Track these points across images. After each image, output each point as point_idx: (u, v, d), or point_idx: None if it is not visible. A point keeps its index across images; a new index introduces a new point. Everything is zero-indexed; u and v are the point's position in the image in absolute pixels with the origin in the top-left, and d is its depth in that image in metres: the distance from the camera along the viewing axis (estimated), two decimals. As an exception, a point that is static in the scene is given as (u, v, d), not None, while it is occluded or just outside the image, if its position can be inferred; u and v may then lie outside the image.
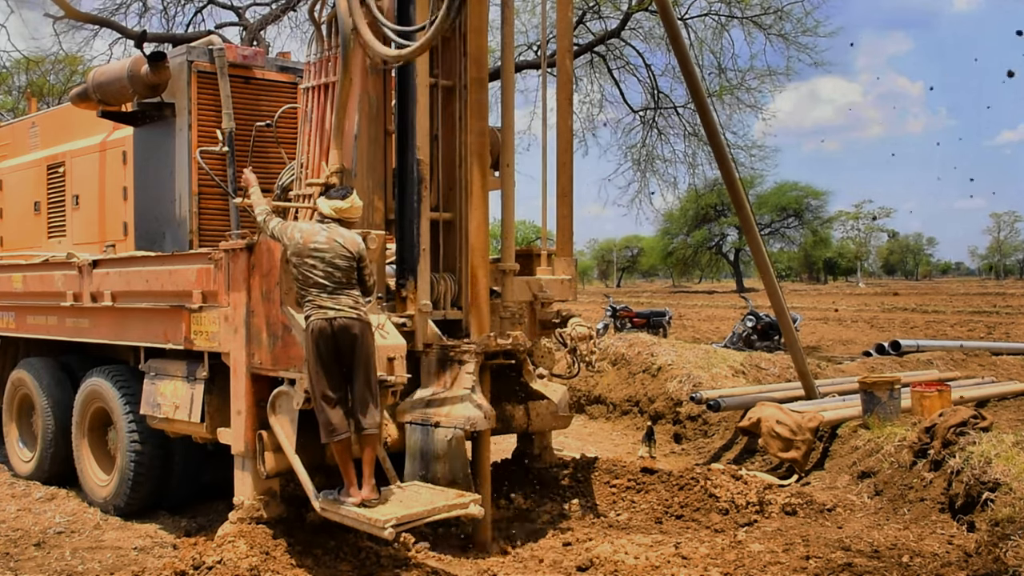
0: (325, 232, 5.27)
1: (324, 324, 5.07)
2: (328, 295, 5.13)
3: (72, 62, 21.56)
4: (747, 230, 9.26)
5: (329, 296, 5.12)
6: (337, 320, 5.07)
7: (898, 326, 25.09)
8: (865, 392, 8.15)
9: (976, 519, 5.97)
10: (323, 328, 5.07)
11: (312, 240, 5.21)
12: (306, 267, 5.17)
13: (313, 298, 5.13)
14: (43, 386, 7.82)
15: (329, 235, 5.25)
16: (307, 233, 5.26)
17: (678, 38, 8.63)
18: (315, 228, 5.30)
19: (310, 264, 5.17)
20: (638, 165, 19.52)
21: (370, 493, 5.09)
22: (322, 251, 5.18)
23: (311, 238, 5.22)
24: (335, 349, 5.09)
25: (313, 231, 5.27)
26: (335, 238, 5.25)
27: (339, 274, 5.18)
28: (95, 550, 6.05)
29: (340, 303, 5.12)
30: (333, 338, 5.07)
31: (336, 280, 5.16)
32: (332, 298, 5.12)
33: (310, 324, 5.11)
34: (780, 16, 17.02)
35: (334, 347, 5.08)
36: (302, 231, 5.28)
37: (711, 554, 5.63)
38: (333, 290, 5.14)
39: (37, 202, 8.93)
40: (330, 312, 5.08)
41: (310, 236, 5.24)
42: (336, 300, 5.12)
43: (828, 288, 67.94)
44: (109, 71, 7.46)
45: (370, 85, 6.35)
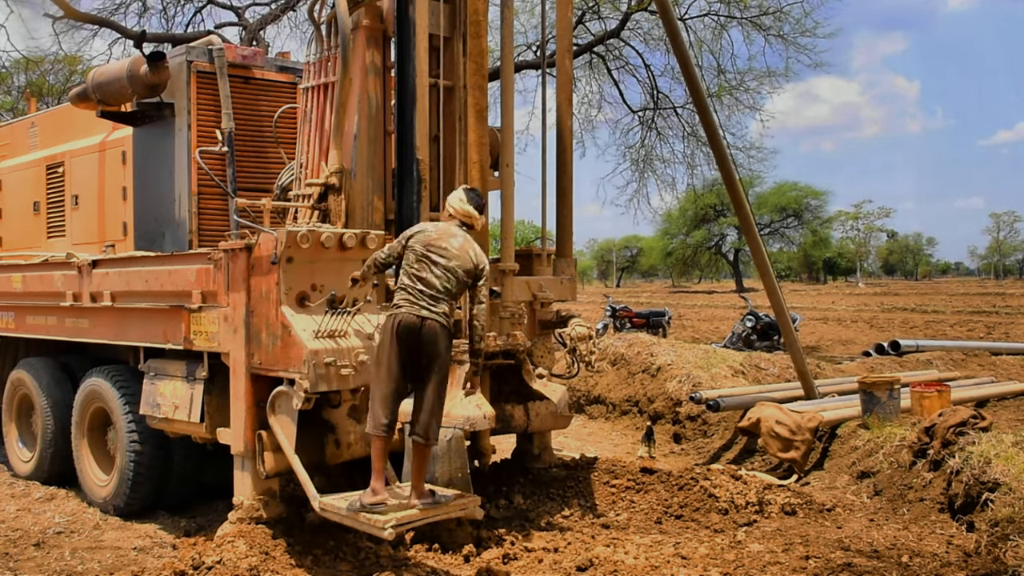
0: (462, 239, 5.16)
1: (415, 320, 4.94)
2: (431, 297, 5.01)
3: (71, 62, 21.56)
4: (747, 230, 9.26)
5: (431, 300, 5.01)
6: (428, 321, 4.96)
7: (898, 326, 25.10)
8: (865, 392, 8.15)
9: (976, 519, 5.97)
10: (412, 324, 4.94)
11: (445, 240, 5.10)
12: (425, 261, 5.04)
13: (413, 293, 5.01)
14: (43, 386, 7.82)
15: (464, 244, 5.14)
16: (442, 231, 5.15)
17: (677, 38, 8.63)
18: (453, 230, 5.19)
19: (431, 260, 5.05)
20: (637, 165, 19.53)
21: (418, 498, 5.05)
22: (449, 255, 5.07)
23: (445, 237, 5.11)
24: (413, 349, 4.98)
25: (449, 232, 5.16)
26: (468, 249, 5.13)
27: (454, 284, 5.07)
28: (95, 550, 6.05)
29: (437, 308, 5.01)
30: (418, 338, 4.95)
31: (446, 288, 5.05)
32: (432, 302, 5.01)
33: (397, 316, 4.98)
34: (779, 17, 17.04)
35: (413, 347, 4.97)
36: (437, 227, 5.18)
37: (711, 554, 5.63)
38: (437, 295, 5.03)
39: (36, 202, 8.93)
40: (424, 312, 4.97)
41: (445, 234, 5.12)
42: (435, 304, 5.02)
43: (828, 288, 67.93)
44: (108, 71, 7.46)
45: (370, 85, 6.35)
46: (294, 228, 5.58)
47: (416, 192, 6.00)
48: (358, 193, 6.30)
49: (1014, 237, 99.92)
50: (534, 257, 7.20)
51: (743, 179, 11.10)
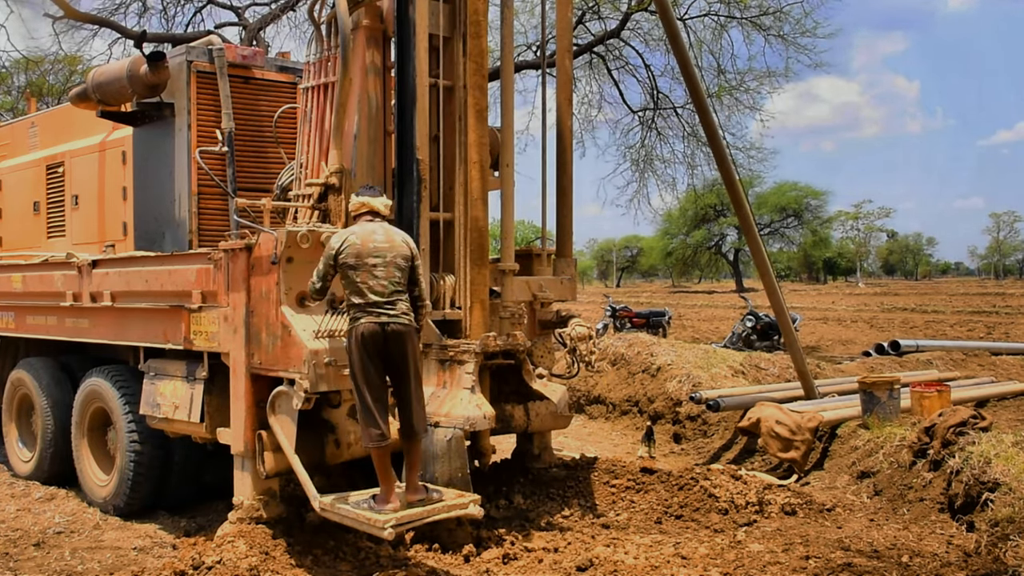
0: (383, 231, 5.06)
1: (376, 328, 4.88)
2: (385, 299, 4.94)
3: (71, 62, 21.56)
4: (747, 230, 9.26)
5: (387, 302, 4.94)
6: (390, 326, 4.90)
7: (898, 326, 25.10)
8: (865, 392, 8.15)
9: (976, 519, 5.97)
10: (375, 332, 4.89)
11: (372, 240, 5.01)
12: (366, 269, 4.95)
13: (367, 303, 4.94)
14: (43, 386, 7.82)
15: (388, 234, 5.05)
16: (363, 235, 5.03)
17: (677, 38, 8.63)
18: (370, 227, 5.08)
19: (371, 265, 4.96)
20: (637, 165, 19.53)
21: (416, 494, 5.06)
22: (383, 251, 5.00)
23: (370, 239, 5.00)
24: (384, 355, 4.95)
25: (370, 230, 5.05)
26: (394, 237, 5.05)
27: (399, 275, 5.00)
28: (94, 550, 6.05)
29: (396, 309, 4.96)
30: (384, 343, 4.92)
31: (395, 283, 4.98)
32: (389, 304, 4.95)
33: (359, 327, 4.92)
34: (779, 17, 17.03)
35: (384, 353, 4.94)
36: (357, 233, 5.04)
37: (710, 554, 5.63)
38: (391, 295, 4.96)
39: (36, 202, 8.93)
40: (383, 318, 4.90)
41: (368, 238, 5.01)
42: (392, 306, 4.96)
43: (828, 288, 67.94)
44: (108, 71, 7.46)
45: (370, 85, 6.35)
46: (294, 228, 5.58)
47: (416, 192, 6.00)
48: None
49: (1014, 237, 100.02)
50: (534, 257, 7.21)
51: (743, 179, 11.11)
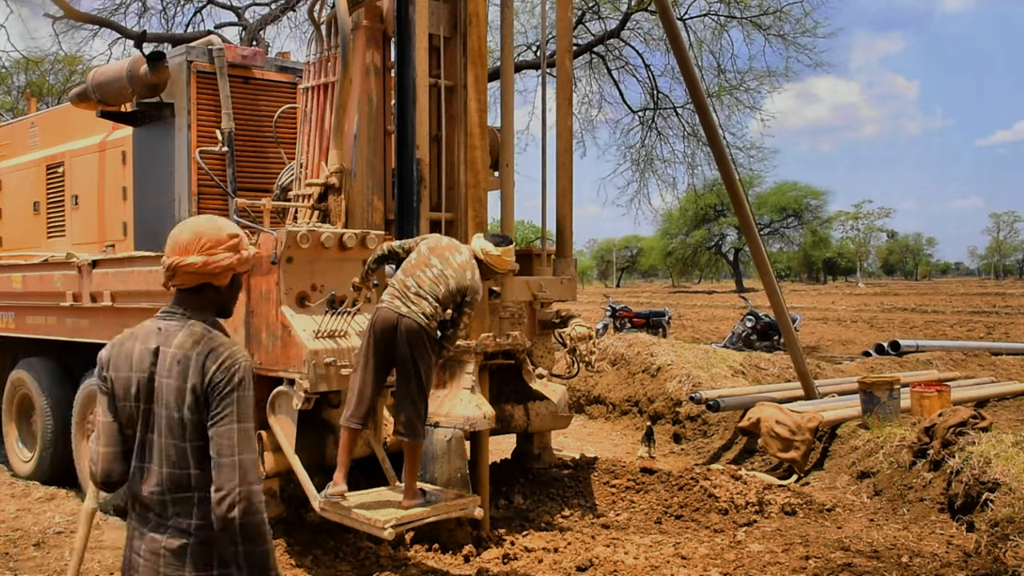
0: (465, 258, 5.18)
1: (392, 316, 4.94)
2: (414, 295, 5.00)
3: (71, 62, 21.58)
4: (747, 230, 9.26)
5: (416, 296, 5.00)
6: (405, 319, 4.94)
7: (897, 326, 25.09)
8: (864, 392, 8.15)
9: (976, 519, 5.98)
10: (388, 320, 4.94)
11: (451, 251, 5.14)
12: (424, 262, 5.07)
13: (400, 288, 5.02)
14: (43, 386, 7.82)
15: (465, 262, 5.15)
16: (452, 245, 5.20)
17: (677, 38, 8.63)
18: (464, 249, 5.23)
19: (431, 263, 5.07)
20: (637, 165, 19.54)
21: (413, 499, 5.03)
22: (446, 264, 5.09)
23: (452, 251, 5.15)
24: (392, 346, 4.97)
25: (459, 248, 5.21)
26: (468, 271, 5.13)
27: (441, 290, 5.04)
28: (95, 550, 6.04)
29: (420, 307, 4.98)
30: (394, 335, 4.95)
31: (433, 292, 5.02)
32: (417, 299, 4.99)
33: (379, 310, 5.00)
34: (779, 17, 17.03)
35: (392, 344, 4.97)
36: (451, 240, 5.26)
37: (710, 554, 5.64)
38: (424, 296, 5.01)
39: (36, 202, 8.93)
40: (403, 309, 4.96)
41: (452, 249, 5.17)
42: (419, 304, 4.99)
43: (828, 288, 67.94)
44: (108, 71, 7.46)
45: (370, 85, 6.35)
46: (294, 228, 5.58)
47: (416, 192, 6.00)
48: (358, 193, 6.30)
49: (1014, 237, 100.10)
50: (534, 257, 7.20)
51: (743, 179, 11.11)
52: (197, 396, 2.41)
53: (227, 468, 2.40)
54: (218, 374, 2.41)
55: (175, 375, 2.43)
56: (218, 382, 2.40)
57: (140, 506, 2.52)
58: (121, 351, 2.54)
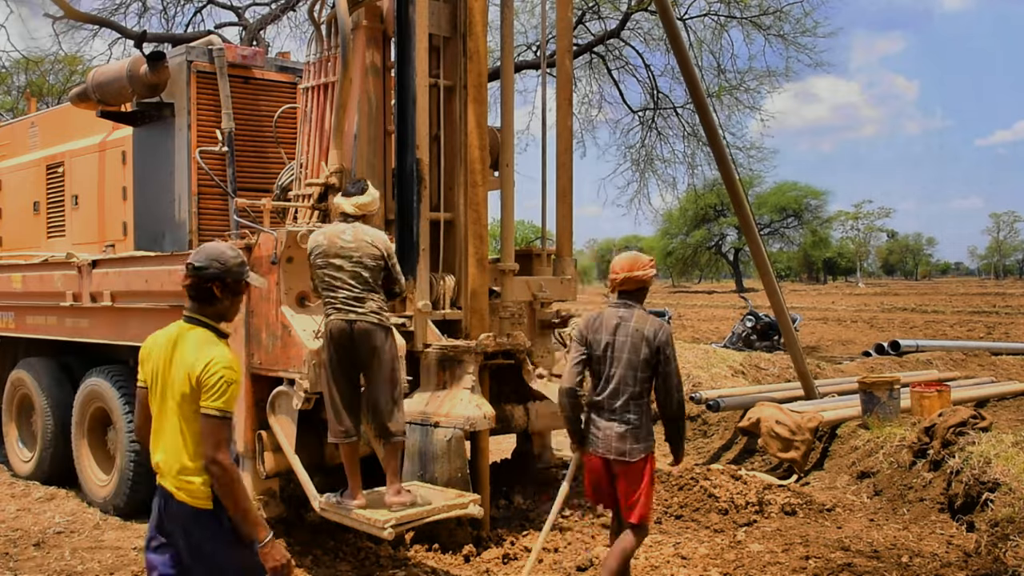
0: (351, 231, 5.05)
1: (344, 325, 4.91)
2: (355, 299, 4.95)
3: (71, 62, 21.57)
4: (747, 230, 9.26)
5: (355, 300, 4.95)
6: (358, 323, 4.91)
7: (897, 326, 25.09)
8: (865, 392, 8.15)
9: (976, 519, 5.97)
10: (342, 329, 4.91)
11: (339, 240, 5.01)
12: (332, 269, 4.97)
13: (335, 299, 4.96)
14: (43, 386, 7.82)
15: (356, 234, 5.04)
16: (331, 234, 5.05)
17: (677, 38, 8.63)
18: (339, 227, 5.08)
19: (336, 266, 4.97)
20: (637, 165, 19.52)
21: (399, 497, 5.01)
22: (349, 251, 4.99)
23: (336, 239, 5.01)
24: (353, 353, 4.96)
25: (338, 230, 5.06)
26: (363, 237, 5.03)
27: (367, 274, 4.99)
28: (95, 550, 6.05)
29: (364, 307, 4.95)
30: (351, 341, 4.93)
31: (363, 281, 4.98)
32: (358, 302, 4.95)
33: (328, 323, 4.96)
34: (779, 17, 17.03)
35: (352, 351, 4.96)
36: (325, 233, 5.07)
37: (710, 554, 5.64)
38: (359, 293, 4.97)
39: (36, 202, 8.93)
40: (351, 315, 4.92)
41: (336, 237, 5.02)
42: (361, 304, 4.95)
43: (828, 288, 67.93)
44: (108, 71, 7.46)
45: (370, 85, 6.35)
46: (294, 228, 5.58)
47: (416, 192, 6.00)
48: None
49: (1014, 237, 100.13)
50: (534, 257, 7.20)
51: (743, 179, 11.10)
52: (650, 349, 4.47)
53: (675, 387, 4.53)
54: (661, 337, 4.49)
55: (635, 338, 4.49)
56: (662, 343, 4.48)
57: (597, 407, 4.59)
58: (598, 323, 4.62)
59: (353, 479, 5.08)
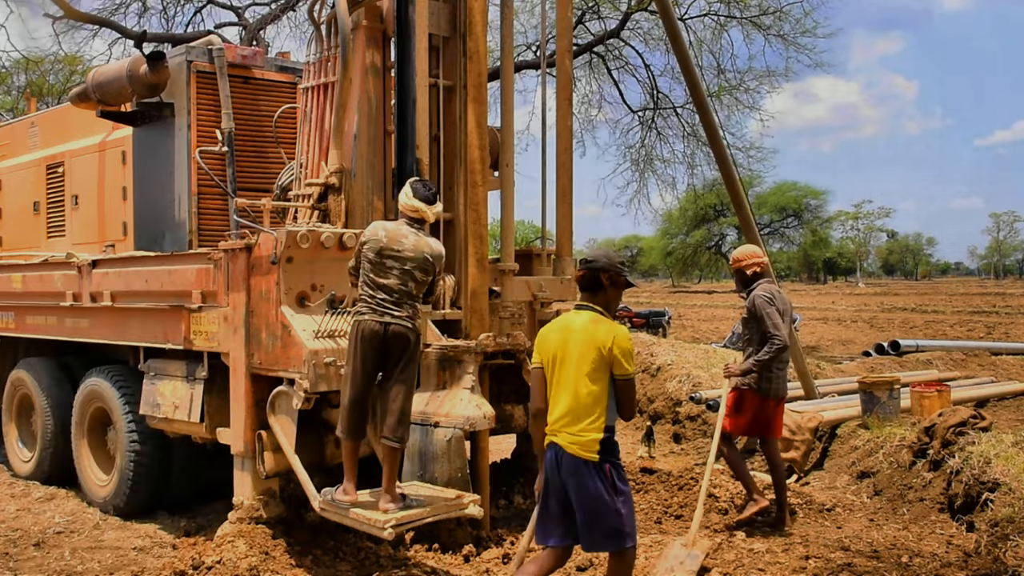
0: (414, 238, 5.01)
1: (378, 328, 4.88)
2: (393, 303, 4.93)
3: (71, 62, 21.57)
4: (747, 230, 9.26)
5: (395, 305, 4.93)
6: (393, 326, 4.89)
7: (897, 326, 25.09)
8: (864, 392, 8.15)
9: (976, 519, 5.97)
10: (375, 331, 4.88)
11: (397, 242, 4.97)
12: (381, 268, 4.94)
13: (375, 300, 4.93)
14: (42, 386, 7.82)
15: (418, 243, 5.00)
16: (393, 233, 4.99)
17: (678, 38, 8.63)
18: (403, 230, 5.03)
19: (387, 267, 4.93)
20: (637, 165, 19.53)
21: (393, 503, 4.98)
22: (405, 257, 4.95)
23: (397, 240, 4.97)
24: (382, 355, 4.95)
25: (400, 233, 5.01)
26: (424, 248, 5.00)
27: (413, 284, 4.97)
28: (94, 550, 6.05)
29: (402, 312, 4.94)
30: (384, 343, 4.91)
31: (408, 290, 4.96)
32: (397, 307, 4.93)
33: (361, 324, 4.91)
34: (779, 17, 17.03)
35: (381, 351, 4.94)
36: (387, 230, 5.00)
37: (710, 554, 5.63)
38: (399, 299, 4.95)
39: (36, 202, 8.93)
40: (387, 318, 4.90)
41: (396, 236, 4.98)
42: (400, 310, 4.94)
43: (828, 288, 67.94)
44: (108, 71, 7.46)
45: (370, 85, 6.35)
46: (294, 228, 5.58)
47: (416, 192, 5.99)
48: (358, 193, 6.29)
49: (1014, 237, 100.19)
50: (534, 257, 7.21)
51: (743, 179, 11.10)
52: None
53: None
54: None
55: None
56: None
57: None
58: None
59: (350, 475, 5.10)
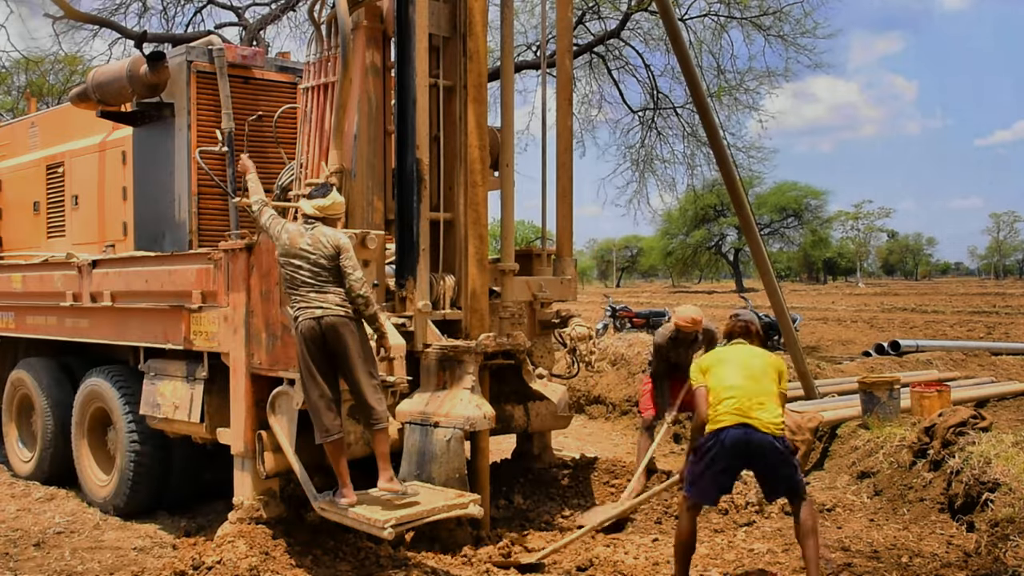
0: (310, 233, 5.22)
1: (312, 324, 5.04)
2: (316, 293, 5.10)
3: (71, 62, 21.56)
4: (747, 230, 9.26)
5: (317, 294, 5.10)
6: (325, 319, 5.04)
7: (897, 326, 25.08)
8: (865, 392, 8.15)
9: (976, 519, 5.97)
10: (312, 328, 5.04)
11: (298, 242, 5.18)
12: (292, 267, 5.15)
13: (300, 297, 5.12)
14: (43, 386, 7.82)
15: (314, 236, 5.20)
16: (293, 235, 5.22)
17: (678, 38, 8.62)
18: (300, 229, 5.25)
19: (296, 265, 5.15)
20: (637, 166, 19.52)
21: (391, 484, 5.09)
22: (307, 252, 5.15)
23: (297, 240, 5.19)
24: (325, 349, 5.07)
25: (299, 232, 5.23)
26: (319, 238, 5.19)
27: (325, 273, 5.14)
28: (94, 550, 6.05)
29: (327, 301, 5.08)
30: (322, 338, 5.04)
31: (323, 279, 5.12)
32: (319, 296, 5.09)
33: (298, 324, 5.10)
34: (779, 17, 17.03)
35: (323, 347, 5.06)
36: (289, 232, 5.24)
37: (710, 554, 5.64)
38: (320, 288, 5.11)
39: (36, 202, 8.93)
40: (317, 311, 5.05)
41: (296, 238, 5.20)
42: (323, 298, 5.09)
43: (828, 288, 67.92)
44: (108, 71, 7.46)
45: (370, 85, 6.35)
46: (294, 228, 5.56)
47: (416, 192, 6.00)
48: (358, 193, 6.30)
49: (1014, 237, 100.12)
50: (534, 257, 7.20)
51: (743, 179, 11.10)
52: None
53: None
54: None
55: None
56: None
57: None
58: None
59: (342, 477, 5.13)
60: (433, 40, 6.25)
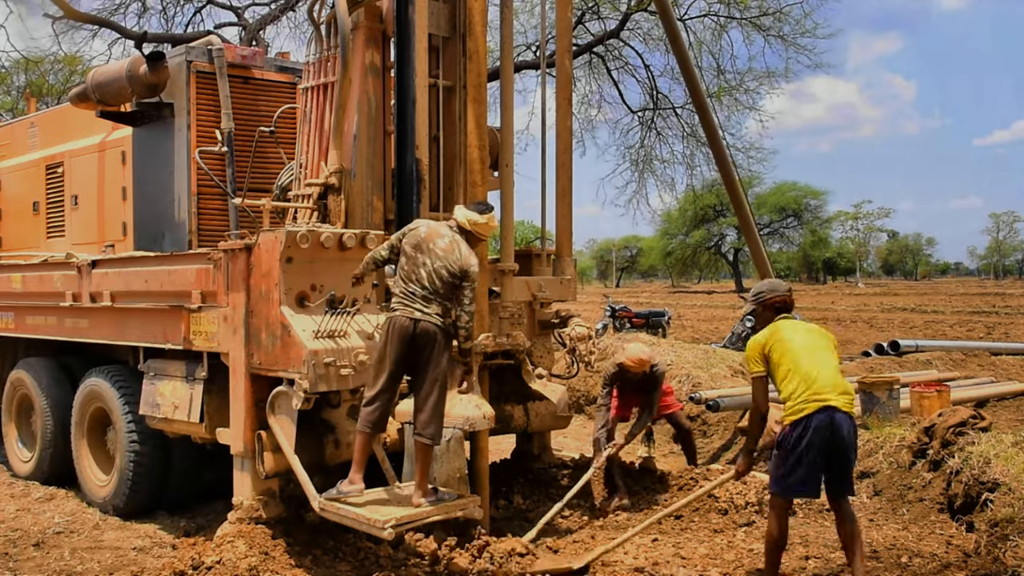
0: (452, 237, 5.16)
1: (407, 323, 5.00)
2: (421, 298, 5.06)
3: (71, 62, 21.59)
4: (746, 230, 9.27)
5: (422, 300, 5.05)
6: (422, 323, 5.01)
7: (897, 326, 25.09)
8: (864, 392, 8.15)
9: (975, 519, 5.97)
10: (405, 327, 5.00)
11: (436, 239, 5.12)
12: (415, 262, 5.09)
13: (407, 296, 5.07)
14: (42, 386, 7.82)
15: (454, 243, 5.14)
16: (433, 229, 5.17)
17: (677, 38, 8.64)
18: (443, 231, 5.19)
19: (420, 261, 5.09)
20: (636, 166, 19.56)
21: (422, 497, 5.07)
22: (437, 254, 5.09)
23: (435, 236, 5.13)
24: (409, 350, 5.03)
25: (439, 232, 5.17)
26: (455, 250, 5.13)
27: (439, 284, 5.07)
28: (94, 550, 6.05)
29: (430, 308, 5.05)
30: (412, 339, 5.01)
31: (435, 288, 5.07)
32: (425, 303, 5.05)
33: (393, 319, 5.05)
34: (779, 17, 17.05)
35: (409, 347, 5.02)
36: (429, 226, 5.20)
37: (710, 554, 5.64)
38: (428, 295, 5.06)
39: (36, 202, 8.94)
40: (416, 314, 5.02)
41: (434, 235, 5.14)
42: (427, 305, 5.05)
43: (827, 288, 67.94)
44: (108, 71, 7.46)
45: (369, 85, 6.35)
46: (294, 228, 5.58)
47: (416, 192, 6.00)
48: (358, 193, 6.30)
49: (1013, 237, 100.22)
50: (534, 257, 7.21)
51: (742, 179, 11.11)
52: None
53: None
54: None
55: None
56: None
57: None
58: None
59: (358, 467, 5.13)
60: (433, 40, 6.26)
